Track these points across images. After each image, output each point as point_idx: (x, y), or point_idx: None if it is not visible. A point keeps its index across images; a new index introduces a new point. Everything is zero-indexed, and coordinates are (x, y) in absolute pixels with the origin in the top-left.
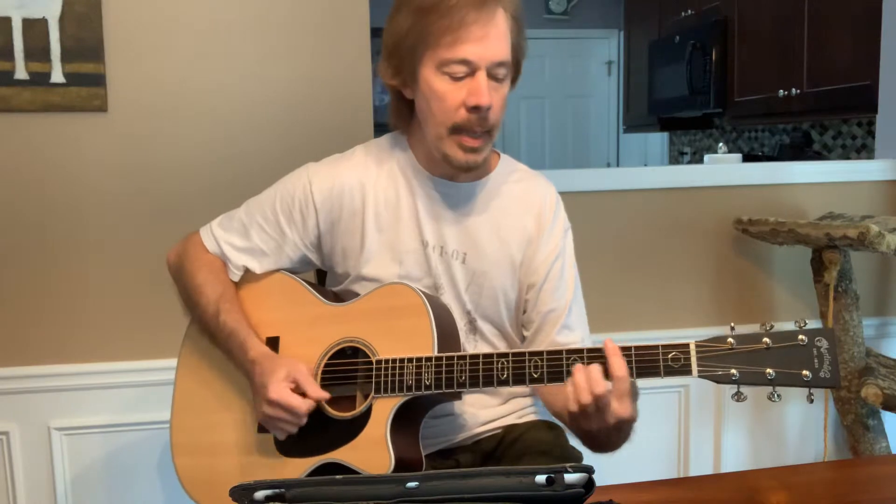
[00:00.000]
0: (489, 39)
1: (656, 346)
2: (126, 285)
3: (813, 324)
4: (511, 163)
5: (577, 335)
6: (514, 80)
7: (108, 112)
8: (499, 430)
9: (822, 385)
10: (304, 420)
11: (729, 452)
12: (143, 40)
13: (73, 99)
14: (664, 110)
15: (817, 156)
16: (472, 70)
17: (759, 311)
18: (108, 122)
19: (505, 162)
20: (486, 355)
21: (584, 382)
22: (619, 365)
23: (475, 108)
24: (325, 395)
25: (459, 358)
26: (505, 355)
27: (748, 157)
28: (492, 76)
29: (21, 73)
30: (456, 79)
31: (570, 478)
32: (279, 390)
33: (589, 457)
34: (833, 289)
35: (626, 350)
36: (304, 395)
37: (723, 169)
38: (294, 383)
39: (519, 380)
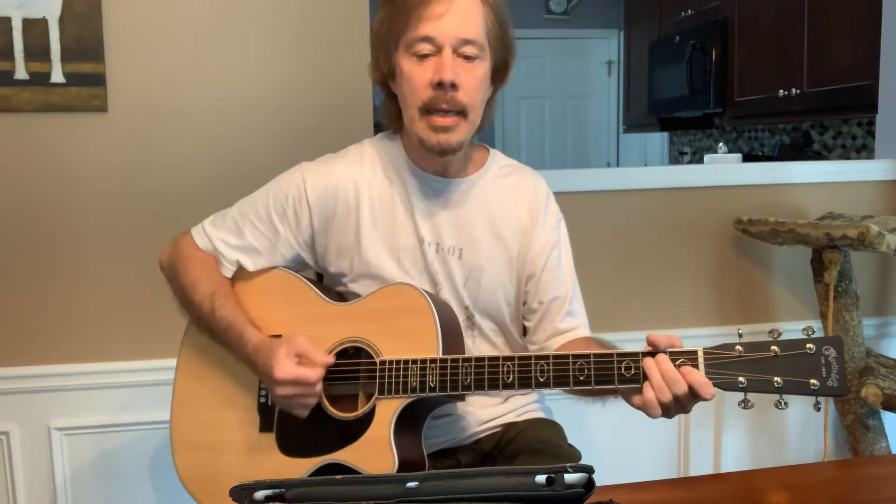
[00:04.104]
0: (450, 15)
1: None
2: (126, 285)
3: (814, 325)
4: (500, 157)
5: (579, 320)
6: (502, 77)
7: (108, 112)
8: (498, 429)
9: (830, 394)
10: (320, 388)
11: (729, 452)
12: (143, 40)
13: (73, 99)
14: (664, 110)
15: (817, 156)
16: (438, 48)
17: (759, 311)
18: (108, 122)
19: (494, 157)
20: (491, 358)
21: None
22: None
23: (439, 85)
24: (331, 359)
25: (465, 360)
26: (511, 358)
27: (748, 157)
28: (460, 55)
29: (21, 73)
30: (422, 57)
31: (570, 478)
32: (285, 367)
33: (589, 457)
34: (833, 289)
35: (633, 356)
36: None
37: (723, 169)
38: (298, 357)
39: (525, 383)
